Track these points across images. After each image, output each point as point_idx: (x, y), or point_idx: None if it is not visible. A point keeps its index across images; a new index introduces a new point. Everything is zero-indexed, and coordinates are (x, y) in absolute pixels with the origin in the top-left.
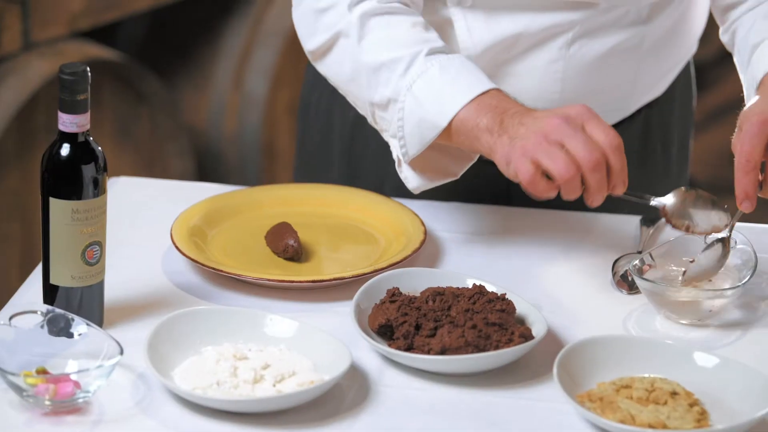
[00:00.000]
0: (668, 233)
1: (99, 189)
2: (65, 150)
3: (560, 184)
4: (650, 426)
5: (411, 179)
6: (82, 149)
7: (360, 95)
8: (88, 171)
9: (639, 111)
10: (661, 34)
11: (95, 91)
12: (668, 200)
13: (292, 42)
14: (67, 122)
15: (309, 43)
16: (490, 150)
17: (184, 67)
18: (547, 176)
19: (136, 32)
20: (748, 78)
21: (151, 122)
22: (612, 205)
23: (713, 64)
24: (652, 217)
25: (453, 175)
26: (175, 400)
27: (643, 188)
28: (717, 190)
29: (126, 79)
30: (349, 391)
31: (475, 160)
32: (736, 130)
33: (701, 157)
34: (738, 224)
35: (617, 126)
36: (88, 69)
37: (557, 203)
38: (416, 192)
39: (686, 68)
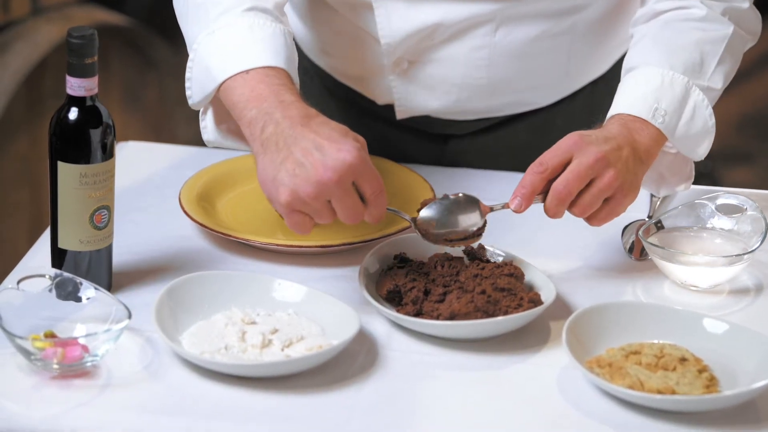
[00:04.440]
0: (678, 200)
1: (107, 153)
2: (73, 114)
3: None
4: (659, 392)
5: (209, 130)
6: (90, 113)
7: (184, 28)
8: (96, 135)
9: (584, 87)
10: (596, 20)
11: (103, 57)
12: (423, 213)
13: None
14: (75, 86)
15: None
16: (254, 154)
17: None
18: None
19: None
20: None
21: (160, 87)
22: None
23: None
24: None
25: (245, 143)
26: (183, 364)
27: None
28: (725, 158)
29: (134, 44)
30: (357, 356)
31: None
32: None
33: None
34: (748, 191)
35: (560, 103)
36: (96, 33)
37: None
38: (209, 146)
39: None
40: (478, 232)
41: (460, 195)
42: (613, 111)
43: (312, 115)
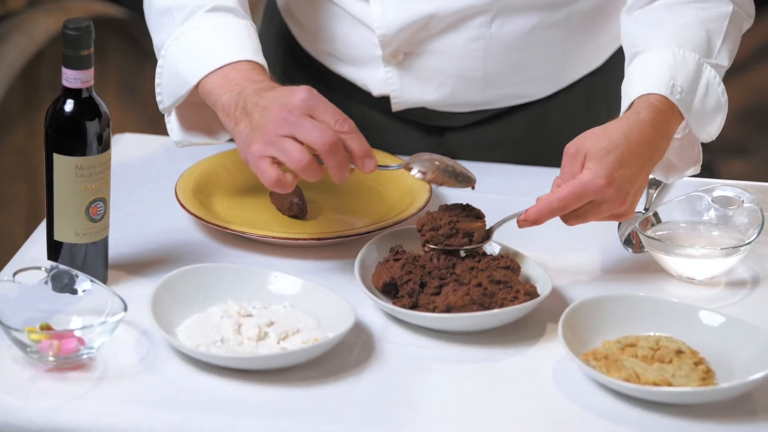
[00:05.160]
0: (674, 192)
1: (103, 145)
2: (69, 106)
3: (299, 172)
4: (655, 384)
5: (175, 132)
6: (86, 105)
7: (152, 36)
8: (92, 127)
9: (581, 80)
10: (592, 11)
11: (100, 48)
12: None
13: None
14: (71, 78)
15: None
16: (231, 133)
17: None
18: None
19: None
20: (624, 82)
21: None
22: None
23: None
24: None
25: (214, 137)
26: (179, 356)
27: None
28: (723, 150)
29: (131, 35)
30: (353, 348)
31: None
32: (581, 153)
33: None
34: (745, 183)
35: (556, 95)
36: (92, 24)
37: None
38: (178, 146)
39: None
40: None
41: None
42: (633, 93)
43: (278, 86)
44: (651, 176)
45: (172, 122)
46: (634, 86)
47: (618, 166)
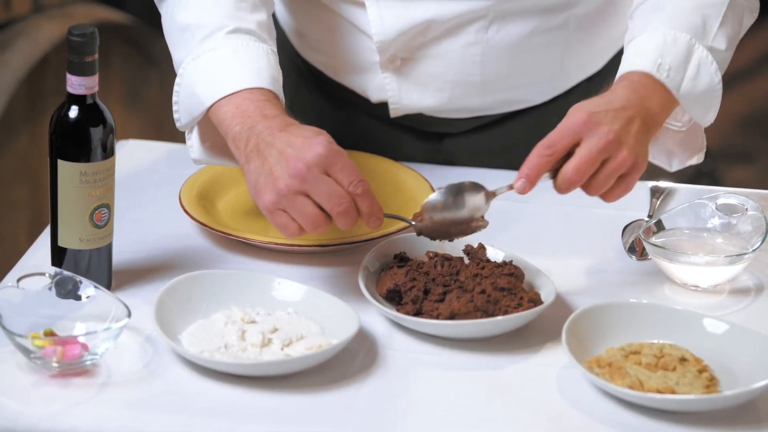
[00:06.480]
0: (678, 199)
1: (107, 151)
2: (74, 112)
3: (308, 230)
4: (659, 392)
5: (195, 148)
6: (91, 111)
7: (171, 52)
8: (97, 133)
9: (579, 84)
10: (589, 15)
11: (104, 55)
12: (429, 198)
13: None
14: (75, 84)
15: None
16: (241, 167)
17: None
18: None
19: None
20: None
21: (160, 85)
22: None
23: None
24: (662, 185)
25: (234, 161)
26: (183, 363)
27: None
28: (726, 157)
29: (135, 42)
30: (357, 355)
31: None
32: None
33: (712, 123)
34: (748, 190)
35: (554, 100)
36: (97, 31)
37: None
38: (196, 164)
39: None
40: (480, 224)
41: (465, 182)
42: (619, 73)
43: (291, 123)
44: (655, 182)
45: (192, 139)
46: (621, 67)
47: (600, 107)
